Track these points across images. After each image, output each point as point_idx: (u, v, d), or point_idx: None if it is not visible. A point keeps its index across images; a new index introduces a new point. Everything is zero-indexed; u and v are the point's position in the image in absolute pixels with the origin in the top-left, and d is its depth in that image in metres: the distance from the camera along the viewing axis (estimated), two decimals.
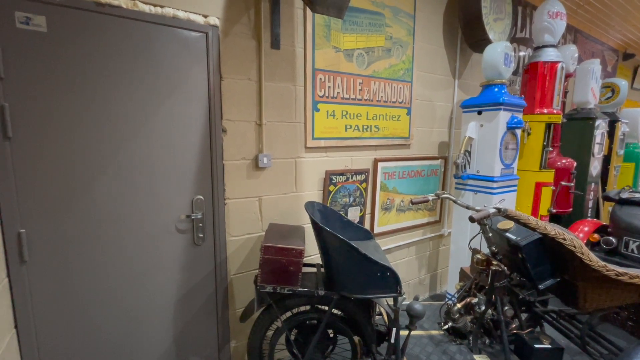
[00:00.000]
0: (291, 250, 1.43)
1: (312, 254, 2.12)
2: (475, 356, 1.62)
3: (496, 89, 2.39)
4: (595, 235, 2.61)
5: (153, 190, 1.52)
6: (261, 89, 1.78)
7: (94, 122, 1.36)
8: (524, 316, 1.72)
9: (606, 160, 3.73)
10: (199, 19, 1.57)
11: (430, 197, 1.90)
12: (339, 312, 1.59)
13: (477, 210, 1.57)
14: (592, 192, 3.43)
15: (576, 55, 3.19)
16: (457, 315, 1.71)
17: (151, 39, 1.45)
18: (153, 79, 1.47)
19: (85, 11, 1.31)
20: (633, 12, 4.05)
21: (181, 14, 1.52)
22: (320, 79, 2.00)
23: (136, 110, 1.44)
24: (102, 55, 1.35)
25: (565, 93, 3.59)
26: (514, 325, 1.67)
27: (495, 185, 2.39)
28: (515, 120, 2.38)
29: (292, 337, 1.59)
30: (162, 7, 1.47)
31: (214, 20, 1.61)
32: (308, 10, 1.89)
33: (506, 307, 1.66)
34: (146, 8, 1.43)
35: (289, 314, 1.59)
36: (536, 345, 1.53)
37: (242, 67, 1.72)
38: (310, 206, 1.62)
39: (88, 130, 1.35)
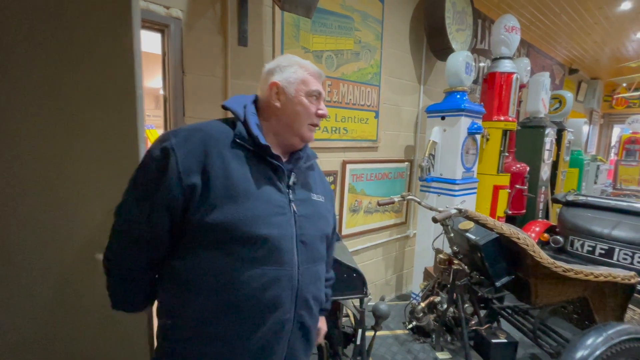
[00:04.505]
0: None
1: None
2: (437, 354, 1.66)
3: (458, 96, 2.51)
4: (545, 235, 2.81)
5: None
6: (227, 86, 1.72)
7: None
8: (482, 313, 1.80)
9: (554, 166, 4.04)
10: (161, 10, 1.49)
11: (396, 198, 1.94)
12: None
13: (440, 211, 1.62)
14: (542, 195, 3.70)
15: (529, 68, 3.44)
16: (421, 314, 1.75)
17: None
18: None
19: None
20: (577, 32, 4.46)
21: (141, 4, 1.43)
22: None
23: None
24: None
25: (520, 102, 3.85)
26: (473, 322, 1.74)
27: (457, 187, 2.49)
28: (476, 126, 2.51)
29: None
30: None
31: (176, 12, 1.53)
32: (277, 9, 1.86)
33: (466, 305, 1.72)
34: None
35: None
36: (493, 340, 1.61)
37: (207, 62, 1.66)
38: None
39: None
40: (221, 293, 0.72)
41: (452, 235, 1.69)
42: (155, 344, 0.80)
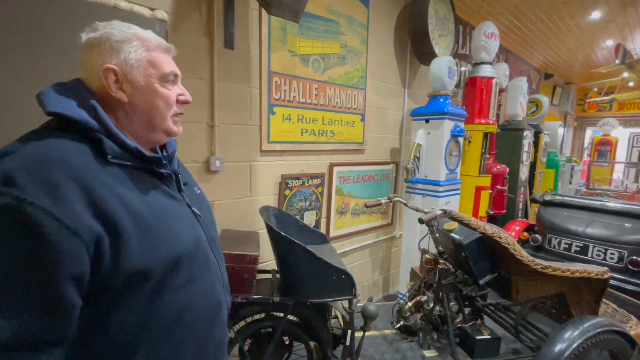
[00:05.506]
0: (245, 256, 1.38)
1: (267, 260, 2.07)
2: (424, 352, 1.70)
3: (441, 100, 2.57)
4: (525, 234, 2.92)
5: None
6: (213, 88, 1.71)
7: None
8: (467, 310, 1.85)
9: (532, 167, 4.20)
10: (145, 12, 1.47)
11: (383, 200, 1.97)
12: (295, 318, 1.57)
13: (426, 212, 1.66)
14: (521, 195, 3.84)
15: (507, 72, 3.57)
16: (408, 314, 1.78)
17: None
18: None
19: None
20: (552, 39, 4.66)
21: (124, 4, 1.40)
22: (276, 82, 1.98)
23: None
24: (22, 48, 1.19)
25: (499, 106, 3.99)
26: (458, 320, 1.78)
27: (441, 189, 2.55)
28: (458, 129, 2.58)
29: (246, 348, 1.53)
30: None
31: (161, 14, 1.51)
32: (263, 11, 1.87)
33: (452, 303, 1.77)
34: None
35: (242, 323, 1.52)
36: (477, 337, 1.66)
37: (193, 65, 1.64)
38: (265, 211, 1.58)
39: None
40: (166, 340, 0.62)
41: (437, 235, 1.73)
42: None
